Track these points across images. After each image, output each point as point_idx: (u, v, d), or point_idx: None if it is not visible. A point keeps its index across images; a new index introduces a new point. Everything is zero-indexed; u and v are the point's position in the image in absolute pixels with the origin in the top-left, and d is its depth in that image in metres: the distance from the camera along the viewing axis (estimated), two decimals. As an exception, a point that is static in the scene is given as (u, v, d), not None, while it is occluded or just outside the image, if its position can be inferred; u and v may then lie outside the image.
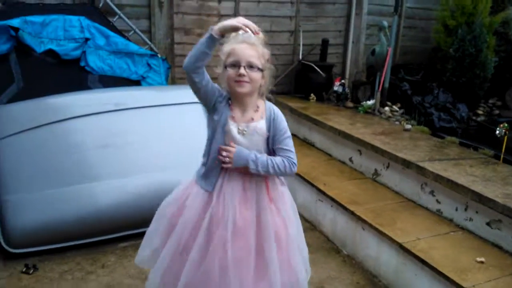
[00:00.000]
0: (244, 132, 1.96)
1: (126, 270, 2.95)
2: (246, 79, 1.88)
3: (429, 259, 2.62)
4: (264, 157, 1.95)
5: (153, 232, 2.20)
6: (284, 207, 2.09)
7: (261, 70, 1.91)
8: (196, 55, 1.84)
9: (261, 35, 1.92)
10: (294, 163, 2.00)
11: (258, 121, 1.98)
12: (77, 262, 3.02)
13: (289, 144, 2.02)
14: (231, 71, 1.89)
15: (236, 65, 1.88)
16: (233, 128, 1.96)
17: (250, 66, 1.88)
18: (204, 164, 2.06)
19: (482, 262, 2.62)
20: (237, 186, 1.98)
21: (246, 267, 1.94)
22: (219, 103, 1.96)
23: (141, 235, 3.26)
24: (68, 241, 3.12)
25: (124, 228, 3.27)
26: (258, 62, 1.89)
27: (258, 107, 2.00)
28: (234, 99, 1.97)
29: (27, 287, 2.72)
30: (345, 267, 3.14)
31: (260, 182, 2.01)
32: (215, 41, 1.84)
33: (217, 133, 1.97)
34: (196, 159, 3.33)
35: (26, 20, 3.69)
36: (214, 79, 1.97)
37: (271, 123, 2.00)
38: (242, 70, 1.86)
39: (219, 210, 1.96)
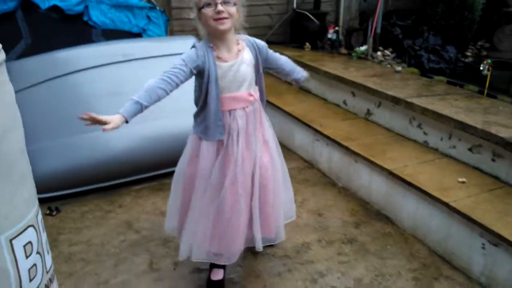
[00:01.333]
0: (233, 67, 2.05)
1: (142, 208, 3.23)
2: (225, 15, 1.92)
3: (415, 182, 2.91)
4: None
5: (173, 200, 2.38)
6: (273, 147, 2.31)
7: (235, 4, 1.96)
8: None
9: None
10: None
11: (243, 52, 2.09)
12: (96, 204, 3.29)
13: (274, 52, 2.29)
14: (208, 11, 1.92)
15: (211, 3, 1.91)
16: (223, 69, 2.03)
17: (226, 1, 1.91)
18: (202, 120, 2.13)
19: (463, 182, 2.92)
20: (242, 123, 2.11)
21: (247, 194, 2.18)
22: (200, 64, 2.00)
23: (153, 178, 3.61)
24: (86, 185, 3.39)
25: (137, 171, 3.53)
26: None
27: (238, 40, 2.09)
28: (215, 39, 2.02)
29: (52, 226, 2.98)
30: (340, 196, 3.45)
31: (256, 112, 2.17)
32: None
33: (210, 86, 2.02)
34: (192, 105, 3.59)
35: (28, -23, 3.82)
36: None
37: (257, 51, 2.14)
38: (220, 7, 1.89)
39: (229, 150, 2.12)
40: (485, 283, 2.50)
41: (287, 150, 4.22)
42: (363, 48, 5.06)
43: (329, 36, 5.39)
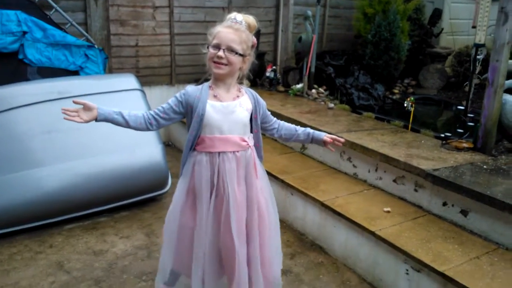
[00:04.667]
0: (226, 108, 2.06)
1: (74, 248, 3.16)
2: (223, 61, 1.98)
3: (345, 212, 3.06)
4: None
5: (168, 250, 2.25)
6: (266, 185, 2.27)
7: (241, 55, 2.01)
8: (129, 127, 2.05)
9: (252, 23, 2.06)
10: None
11: (241, 97, 2.12)
12: (25, 244, 3.18)
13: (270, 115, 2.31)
14: (212, 52, 2.00)
15: (217, 47, 1.98)
16: (216, 107, 2.05)
17: (230, 50, 1.98)
18: (190, 155, 2.15)
19: (388, 212, 3.10)
20: (231, 166, 2.09)
21: (243, 235, 2.14)
22: (191, 103, 2.06)
23: (86, 216, 3.53)
24: (15, 226, 3.27)
25: (70, 210, 3.45)
26: (238, 48, 1.99)
27: (240, 88, 2.15)
28: (216, 79, 2.08)
29: (-23, 269, 2.84)
30: None
31: (249, 159, 2.14)
32: (106, 120, 2.01)
33: (194, 121, 2.05)
34: (136, 143, 3.62)
35: (-38, 15, 3.76)
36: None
37: (256, 102, 2.16)
38: (220, 53, 1.97)
39: (220, 190, 2.09)
40: (410, 307, 2.63)
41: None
42: (299, 86, 5.32)
43: (268, 74, 5.62)
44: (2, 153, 3.30)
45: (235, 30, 2.01)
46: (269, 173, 3.72)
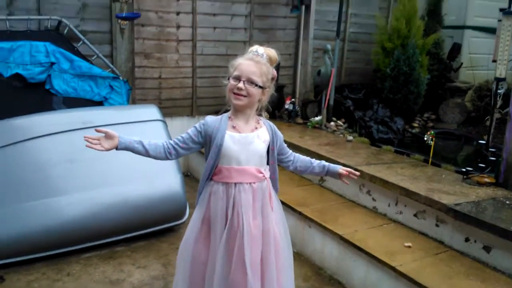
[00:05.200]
0: (245, 140, 2.08)
1: (91, 277, 3.16)
2: (243, 93, 2.01)
3: (365, 247, 3.02)
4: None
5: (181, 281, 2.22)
6: (280, 217, 2.25)
7: (260, 87, 2.04)
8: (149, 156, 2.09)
9: (273, 56, 2.11)
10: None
11: (260, 129, 2.14)
12: (43, 272, 3.20)
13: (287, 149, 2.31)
14: (232, 83, 2.03)
15: (238, 78, 2.02)
16: (235, 138, 2.07)
17: (250, 81, 2.01)
18: (206, 184, 2.16)
19: (409, 247, 3.04)
20: (247, 197, 2.09)
21: (258, 270, 2.10)
22: (210, 133, 2.08)
23: (104, 245, 3.54)
24: (34, 253, 3.29)
25: (88, 239, 3.48)
26: (258, 80, 2.02)
27: (258, 119, 2.17)
28: (235, 110, 2.11)
29: (-4, 295, 2.88)
30: (295, 262, 3.41)
31: (265, 190, 2.15)
32: (127, 149, 2.05)
33: (212, 151, 2.07)
34: (156, 172, 3.66)
35: (-7, 46, 3.94)
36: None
37: (273, 134, 2.18)
38: (240, 84, 2.00)
39: (234, 223, 2.07)
40: None
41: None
42: (317, 118, 5.34)
43: (286, 106, 5.68)
44: (24, 181, 3.37)
45: (256, 62, 2.04)
46: (286, 205, 3.75)
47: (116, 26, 4.97)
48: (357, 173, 2.36)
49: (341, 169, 2.35)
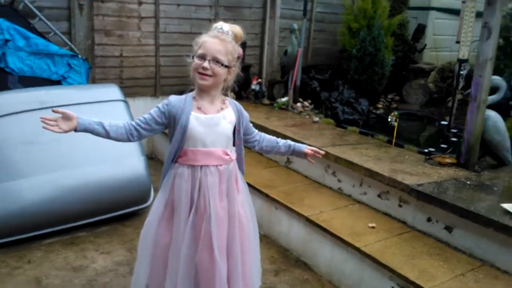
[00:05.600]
0: (202, 120, 2.02)
1: (53, 264, 3.07)
2: (208, 72, 1.94)
3: (330, 228, 3.04)
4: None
5: (141, 266, 2.17)
6: (247, 199, 2.24)
7: (226, 66, 1.97)
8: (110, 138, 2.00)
9: (238, 33, 2.03)
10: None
11: (226, 110, 2.08)
12: (2, 259, 3.08)
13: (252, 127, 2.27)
14: (197, 62, 1.95)
15: (202, 57, 1.94)
16: (200, 120, 2.01)
17: (216, 61, 1.94)
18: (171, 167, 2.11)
19: (373, 227, 3.09)
20: (214, 180, 2.05)
21: (224, 252, 2.09)
22: (174, 114, 2.02)
23: (66, 231, 3.43)
24: (-8, 239, 3.16)
25: (49, 224, 3.36)
26: (224, 59, 1.95)
27: (224, 100, 2.12)
28: (200, 90, 2.04)
29: (-51, 285, 2.75)
30: (261, 244, 3.38)
31: (231, 172, 2.11)
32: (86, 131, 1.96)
33: (177, 133, 2.01)
34: (119, 155, 3.55)
35: None
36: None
37: (239, 114, 2.12)
38: (205, 64, 1.93)
39: (201, 206, 2.03)
40: (395, 325, 2.61)
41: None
42: (284, 99, 5.31)
43: (253, 87, 5.61)
44: (-21, 164, 3.21)
45: (221, 40, 1.97)
46: (253, 187, 3.73)
47: (74, 2, 4.74)
48: (322, 152, 2.37)
49: (306, 148, 2.34)
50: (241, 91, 5.71)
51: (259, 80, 5.72)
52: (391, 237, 2.98)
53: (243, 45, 5.86)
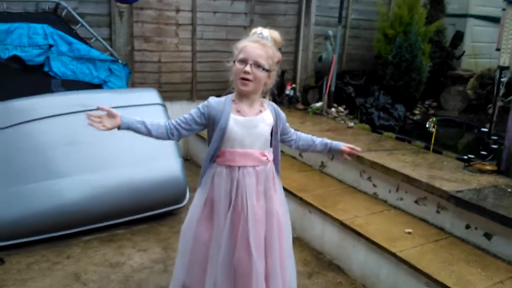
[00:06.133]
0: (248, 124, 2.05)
1: (91, 259, 3.15)
2: (250, 77, 1.97)
3: (365, 232, 3.00)
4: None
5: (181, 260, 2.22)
6: (283, 199, 2.25)
7: (267, 70, 2.01)
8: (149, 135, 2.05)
9: (277, 39, 2.07)
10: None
11: (264, 112, 2.11)
12: (43, 254, 3.19)
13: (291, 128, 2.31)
14: (238, 67, 1.99)
15: (244, 61, 1.97)
16: (239, 122, 2.04)
17: (257, 65, 1.97)
18: (209, 166, 2.15)
19: (410, 233, 3.03)
20: (251, 180, 2.07)
21: (262, 251, 2.10)
22: (214, 116, 2.05)
23: (104, 228, 3.53)
24: (34, 236, 3.28)
25: (88, 222, 3.47)
26: (265, 63, 1.98)
27: (262, 102, 2.13)
28: (239, 94, 2.06)
29: (-5, 277, 2.87)
30: (294, 247, 3.40)
31: (268, 173, 2.13)
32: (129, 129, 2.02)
33: (216, 134, 2.05)
34: (156, 156, 3.64)
35: (-10, 27, 3.87)
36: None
37: (277, 116, 2.15)
38: (247, 68, 1.96)
39: (238, 205, 2.06)
40: (432, 333, 2.54)
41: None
42: (318, 104, 5.31)
43: (287, 92, 5.64)
44: (23, 163, 3.34)
45: (262, 45, 2.00)
46: (287, 190, 3.71)
47: (115, 9, 4.91)
48: (359, 148, 2.39)
49: (344, 145, 2.37)
50: (275, 96, 5.73)
51: (294, 85, 5.74)
52: (428, 243, 2.92)
53: (279, 50, 5.94)
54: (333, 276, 3.09)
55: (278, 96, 5.75)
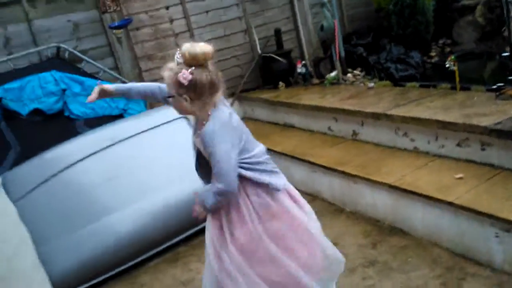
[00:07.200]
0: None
1: (163, 283, 3.24)
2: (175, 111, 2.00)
3: (417, 189, 2.98)
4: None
5: None
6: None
7: (173, 96, 1.90)
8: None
9: (195, 52, 1.85)
10: (222, 179, 1.88)
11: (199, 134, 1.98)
12: (118, 288, 3.30)
13: (216, 155, 1.87)
14: None
15: None
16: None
17: (168, 96, 1.94)
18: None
19: (461, 178, 2.99)
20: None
21: None
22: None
23: (166, 250, 3.60)
24: (104, 274, 3.39)
25: (149, 248, 3.55)
26: (171, 91, 1.91)
27: (203, 122, 1.94)
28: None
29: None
30: (350, 221, 3.49)
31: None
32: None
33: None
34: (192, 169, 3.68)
35: (4, 88, 3.95)
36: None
37: (202, 135, 1.92)
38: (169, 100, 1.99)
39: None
40: (510, 270, 2.53)
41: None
42: (333, 74, 5.25)
43: (299, 70, 5.59)
44: (72, 209, 3.42)
45: (166, 70, 1.92)
46: (327, 167, 3.73)
47: (113, 37, 4.95)
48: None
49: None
50: (288, 78, 5.71)
51: (303, 62, 5.69)
52: (482, 184, 2.88)
53: (278, 32, 5.89)
54: (397, 240, 3.08)
55: (291, 77, 5.72)
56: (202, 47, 1.86)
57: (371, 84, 4.71)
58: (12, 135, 3.91)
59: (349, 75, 5.22)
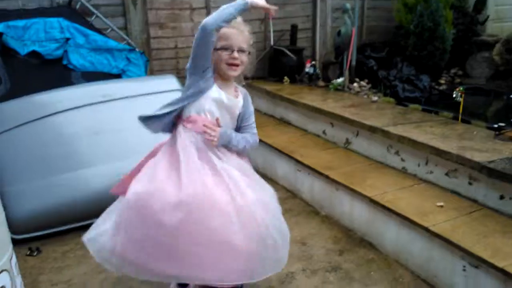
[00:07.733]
0: (225, 103, 2.14)
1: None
2: (238, 62, 2.08)
3: (396, 208, 2.95)
4: (239, 135, 2.21)
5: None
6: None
7: (249, 53, 2.12)
8: (223, 16, 2.00)
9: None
10: (256, 137, 2.33)
11: (237, 97, 2.22)
12: (76, 242, 3.21)
13: (253, 120, 2.31)
14: (224, 54, 2.06)
15: (228, 48, 2.05)
16: (216, 96, 2.12)
17: (241, 50, 2.08)
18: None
19: (441, 206, 2.96)
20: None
21: None
22: (208, 72, 2.09)
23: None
24: (67, 225, 3.36)
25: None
26: (246, 47, 2.10)
27: (236, 87, 2.24)
28: (220, 79, 2.14)
29: (33, 267, 2.96)
30: (323, 225, 3.46)
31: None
32: (245, 10, 2.05)
33: (196, 97, 2.11)
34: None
35: (8, 25, 3.88)
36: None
37: (245, 102, 2.24)
38: (235, 54, 2.06)
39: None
40: (469, 306, 2.50)
41: (270, 180, 4.22)
42: (340, 80, 5.20)
43: (307, 70, 5.54)
44: (50, 156, 3.39)
45: (240, 31, 2.10)
46: (312, 169, 3.69)
47: (128, -2, 4.88)
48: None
49: None
50: (295, 75, 5.65)
51: (313, 62, 5.63)
52: (461, 216, 2.84)
53: (294, 28, 5.83)
54: (365, 252, 3.05)
55: (298, 74, 5.66)
56: None
57: (375, 98, 4.66)
58: (5, 72, 3.84)
59: (355, 84, 5.17)
